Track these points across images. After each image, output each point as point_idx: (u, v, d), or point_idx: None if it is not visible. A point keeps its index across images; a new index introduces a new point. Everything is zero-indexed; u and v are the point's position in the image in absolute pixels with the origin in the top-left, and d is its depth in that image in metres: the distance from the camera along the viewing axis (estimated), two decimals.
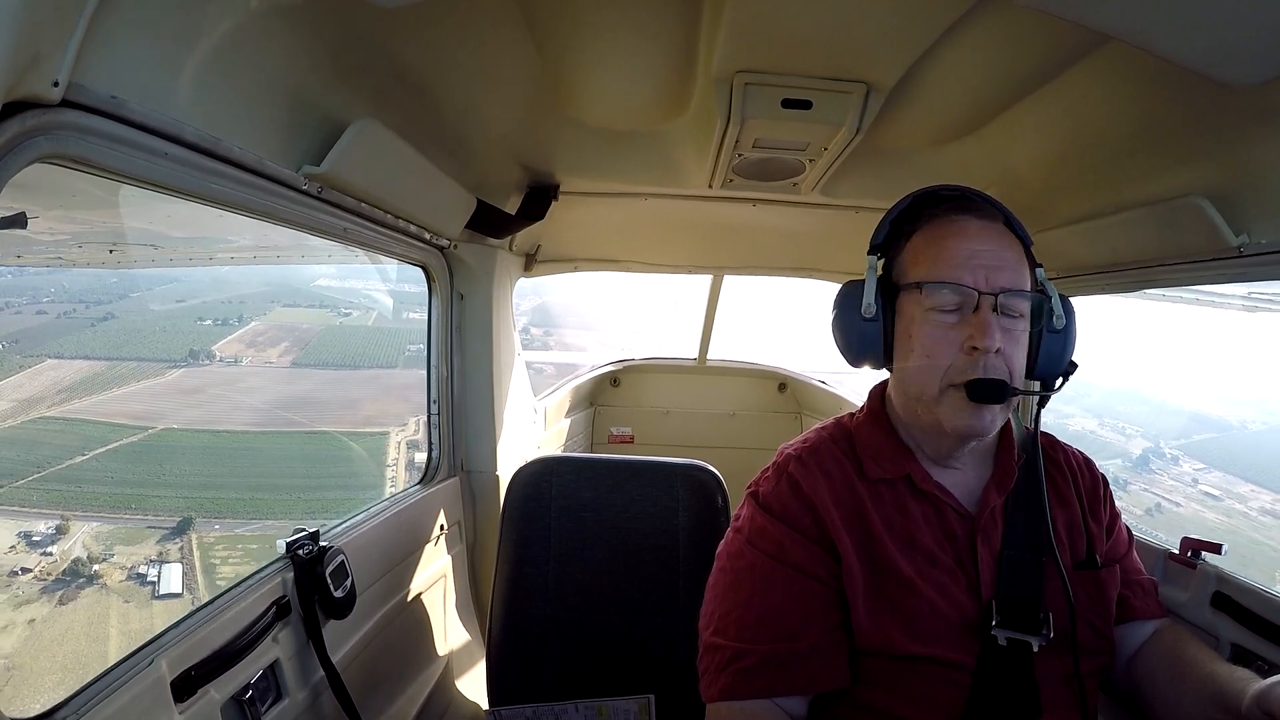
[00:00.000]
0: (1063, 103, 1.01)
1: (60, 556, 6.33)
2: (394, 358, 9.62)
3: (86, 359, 8.57)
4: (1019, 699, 0.74)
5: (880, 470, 0.81)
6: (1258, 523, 8.23)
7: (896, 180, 1.44)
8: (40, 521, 6.59)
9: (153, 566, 6.43)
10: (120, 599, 6.03)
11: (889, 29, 0.86)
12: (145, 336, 9.16)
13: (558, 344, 10.94)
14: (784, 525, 0.80)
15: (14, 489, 6.91)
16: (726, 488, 1.31)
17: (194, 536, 6.83)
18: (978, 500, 0.81)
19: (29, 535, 6.47)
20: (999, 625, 0.74)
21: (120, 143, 0.63)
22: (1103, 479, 0.90)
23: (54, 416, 7.82)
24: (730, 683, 0.76)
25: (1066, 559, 0.81)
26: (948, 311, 0.75)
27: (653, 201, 1.73)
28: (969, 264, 0.75)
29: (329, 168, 0.89)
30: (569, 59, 1.05)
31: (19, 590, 5.91)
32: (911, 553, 0.77)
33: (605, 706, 1.10)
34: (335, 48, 0.83)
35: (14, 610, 5.65)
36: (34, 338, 8.66)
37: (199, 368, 9.30)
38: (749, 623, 0.77)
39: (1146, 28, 0.68)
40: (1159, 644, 0.84)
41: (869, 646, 0.75)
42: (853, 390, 2.81)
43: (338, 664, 1.05)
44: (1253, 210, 0.95)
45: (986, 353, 0.72)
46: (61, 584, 6.08)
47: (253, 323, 9.90)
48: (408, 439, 7.90)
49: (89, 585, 6.11)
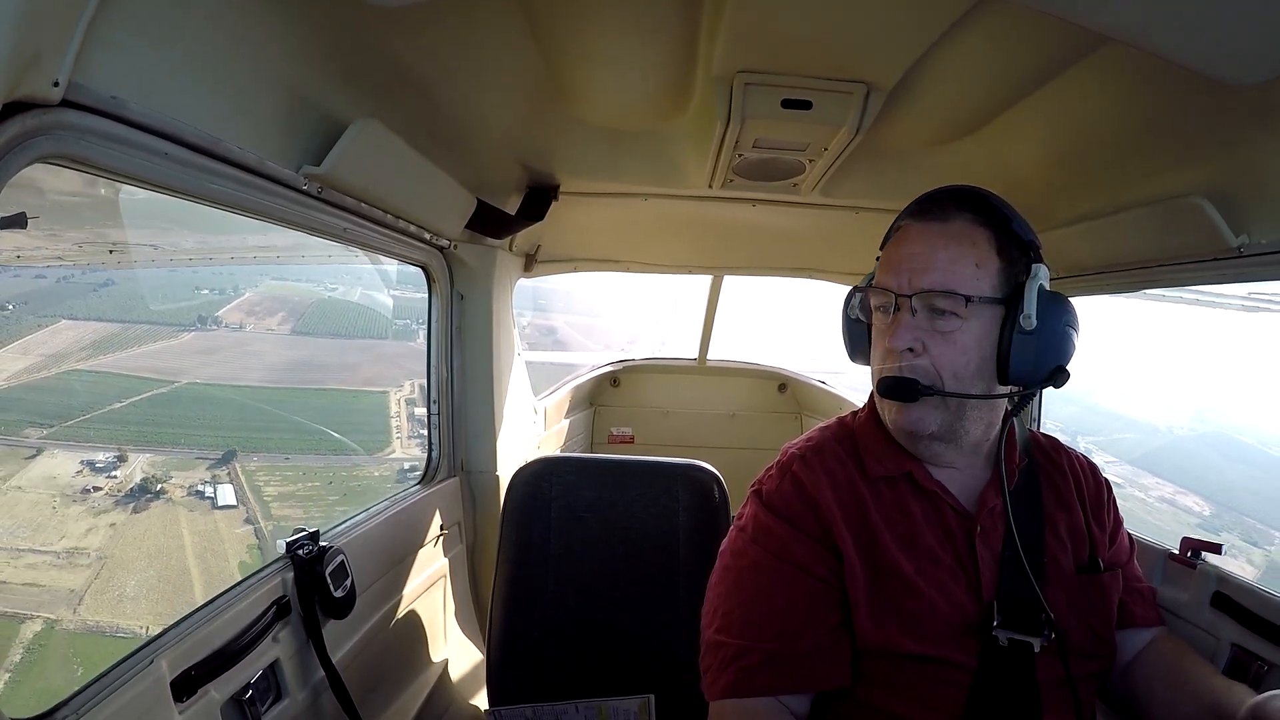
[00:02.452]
0: (1063, 103, 1.01)
1: (124, 479, 7.60)
2: (384, 329, 10.87)
3: (100, 320, 9.68)
4: (1020, 700, 0.74)
5: (882, 468, 0.81)
6: (1153, 508, 9.52)
7: (896, 180, 1.45)
8: (99, 453, 7.84)
9: (207, 486, 7.71)
10: (185, 509, 7.31)
11: (889, 29, 0.86)
12: (149, 303, 10.16)
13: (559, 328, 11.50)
14: (787, 524, 0.80)
15: (65, 428, 8.09)
16: (726, 488, 1.31)
17: (238, 465, 8.03)
18: (977, 500, 0.81)
19: (92, 463, 7.70)
20: (1000, 626, 0.74)
21: (120, 143, 0.63)
22: (1106, 485, 0.90)
23: (85, 370, 9.04)
24: (733, 680, 0.76)
25: (1068, 561, 0.81)
26: (883, 314, 0.79)
27: (653, 202, 1.73)
28: (898, 268, 0.78)
29: (329, 168, 0.89)
30: (569, 59, 1.05)
31: (95, 503, 7.22)
32: (913, 552, 0.77)
33: (605, 706, 1.10)
34: (335, 48, 0.83)
35: (94, 517, 7.05)
36: (40, 300, 9.61)
37: (208, 332, 10.50)
38: (752, 621, 0.77)
39: (1146, 28, 0.68)
40: (1156, 653, 0.84)
41: (870, 646, 0.75)
42: (853, 390, 2.81)
43: (338, 664, 1.05)
44: (1253, 210, 0.95)
45: (894, 352, 0.76)
46: (132, 498, 7.39)
47: (247, 293, 10.95)
48: (405, 397, 9.01)
49: (156, 499, 7.41)
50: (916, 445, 0.80)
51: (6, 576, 6.30)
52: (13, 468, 7.34)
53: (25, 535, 6.76)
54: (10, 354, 8.67)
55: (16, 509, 7.00)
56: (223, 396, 9.43)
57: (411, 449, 8.62)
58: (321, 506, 7.87)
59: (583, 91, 1.16)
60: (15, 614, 5.87)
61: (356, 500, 8.30)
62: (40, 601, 6.06)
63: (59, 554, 6.61)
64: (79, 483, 7.44)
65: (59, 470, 7.53)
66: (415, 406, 8.77)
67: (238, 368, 10.09)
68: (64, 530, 6.90)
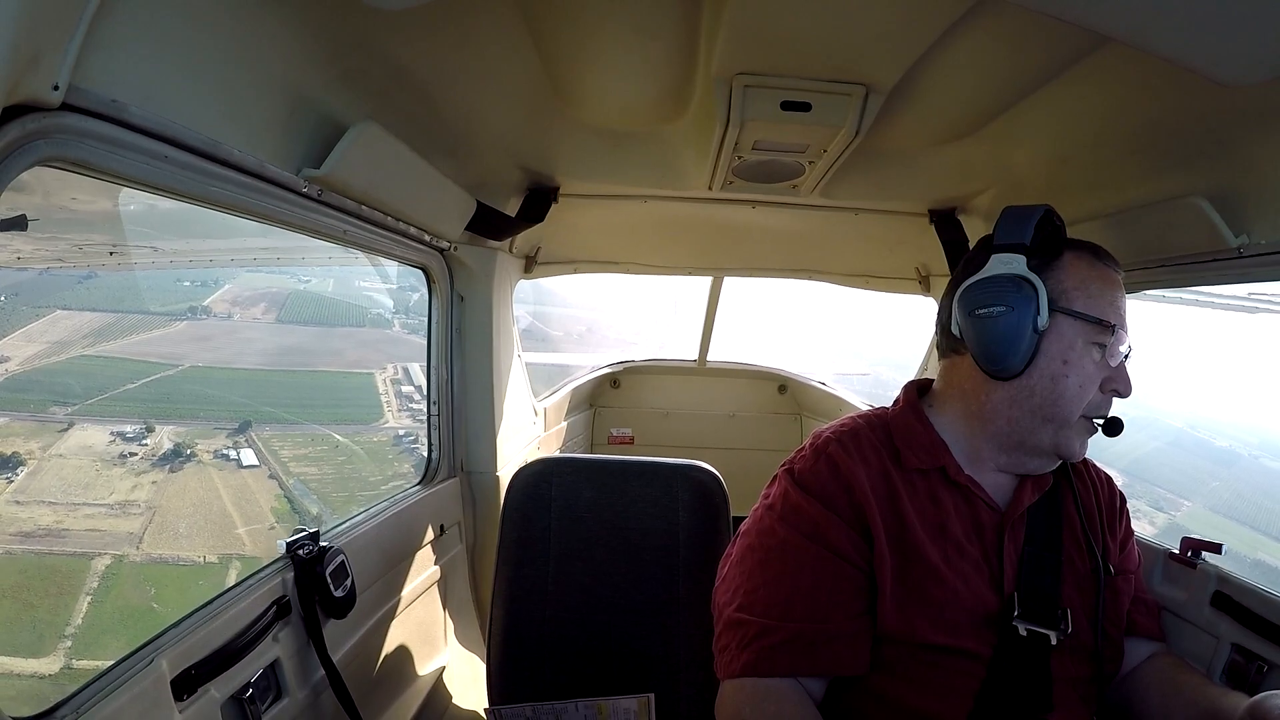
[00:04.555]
0: (1063, 103, 1.01)
1: (155, 446, 8.53)
2: (361, 318, 12.01)
3: (94, 311, 10.44)
4: (1032, 691, 0.74)
5: (917, 460, 0.82)
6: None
7: (897, 181, 1.44)
8: (127, 425, 8.74)
9: (230, 450, 8.69)
10: (215, 469, 8.35)
11: (888, 30, 0.86)
12: (137, 293, 11.04)
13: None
14: (820, 505, 0.80)
15: (87, 406, 8.92)
16: (726, 488, 1.31)
17: (254, 434, 8.99)
18: (1009, 497, 0.83)
19: (122, 434, 8.59)
20: (1019, 617, 0.75)
21: (120, 146, 0.63)
22: (1121, 496, 0.92)
23: (93, 355, 9.91)
24: (754, 659, 0.76)
25: (1083, 564, 0.82)
26: (1104, 350, 0.78)
27: (653, 203, 1.73)
28: (1120, 316, 0.79)
29: (329, 170, 0.89)
30: (569, 61, 1.05)
31: (133, 465, 8.20)
32: (941, 541, 0.78)
33: (605, 705, 1.10)
34: (335, 51, 0.83)
35: (136, 476, 8.07)
36: (31, 291, 10.40)
37: (199, 321, 11.40)
38: (777, 601, 0.77)
39: (1146, 28, 0.68)
40: (1154, 667, 0.85)
41: (892, 634, 0.75)
42: (853, 392, 2.81)
43: (338, 663, 1.05)
44: (1253, 210, 0.95)
45: (1116, 395, 0.80)
46: (166, 461, 8.35)
47: (226, 285, 11.83)
48: (389, 378, 10.14)
49: (188, 461, 8.43)
50: (1046, 466, 0.83)
51: (69, 525, 7.29)
52: (50, 440, 8.22)
53: (78, 492, 7.71)
54: (17, 340, 9.51)
55: (63, 472, 7.92)
56: (226, 378, 10.51)
57: (402, 419, 9.70)
58: (333, 464, 8.93)
59: (582, 93, 1.16)
60: (84, 553, 6.93)
61: (362, 460, 9.28)
62: (105, 543, 7.07)
63: (112, 506, 7.57)
64: (115, 450, 8.36)
65: (93, 440, 8.45)
66: (401, 385, 10.03)
67: (233, 353, 11.10)
68: (112, 487, 7.88)
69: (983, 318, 0.78)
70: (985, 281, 0.79)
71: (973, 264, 0.83)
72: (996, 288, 0.78)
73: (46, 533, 7.13)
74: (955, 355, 0.86)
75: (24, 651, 5.97)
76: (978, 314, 0.78)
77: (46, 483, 7.73)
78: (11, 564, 6.81)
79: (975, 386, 0.83)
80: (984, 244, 0.84)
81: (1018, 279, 0.77)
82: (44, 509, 7.38)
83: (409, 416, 9.51)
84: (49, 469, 7.88)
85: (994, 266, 0.79)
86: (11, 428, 8.34)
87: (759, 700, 0.75)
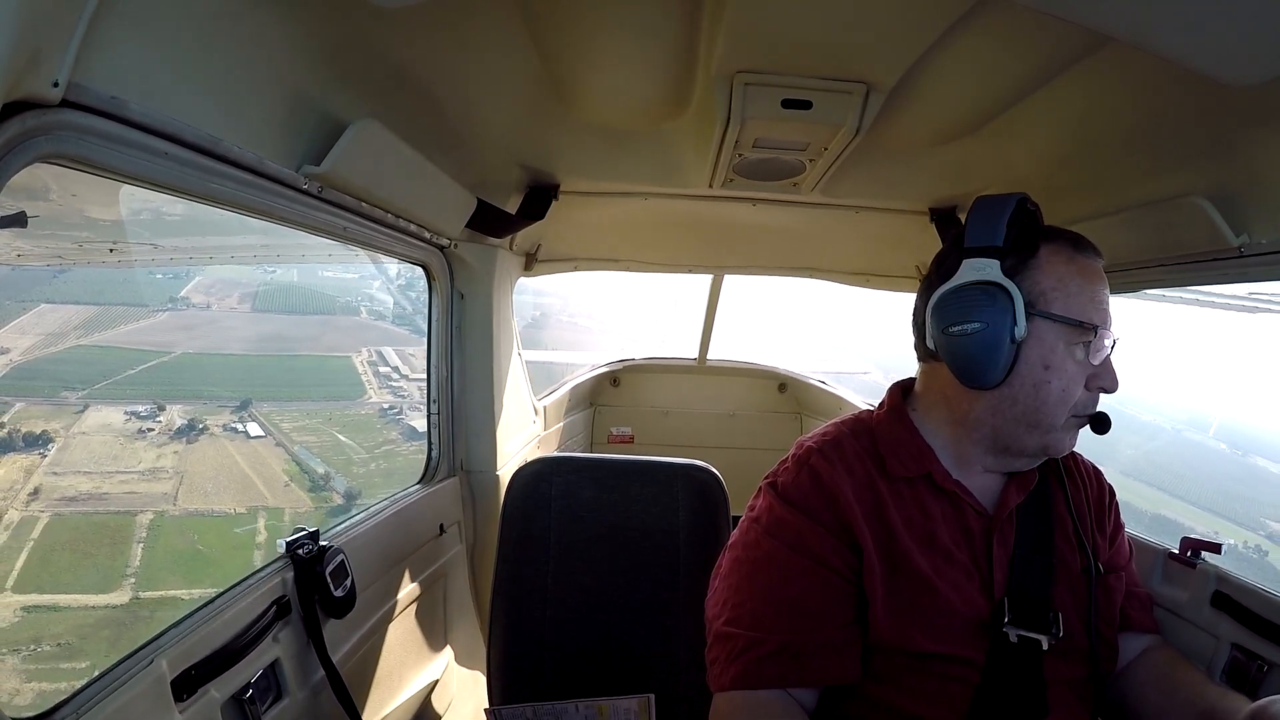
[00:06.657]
0: (1063, 103, 1.01)
1: (168, 423, 9.61)
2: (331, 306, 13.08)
3: (77, 304, 11.13)
4: (1026, 697, 0.74)
5: (903, 468, 0.81)
6: None
7: (897, 180, 1.45)
8: (139, 405, 9.76)
9: (238, 424, 9.76)
10: (228, 440, 9.45)
11: (889, 29, 0.86)
12: (115, 286, 11.65)
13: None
14: (804, 516, 0.79)
15: (95, 390, 9.83)
16: (726, 488, 1.31)
17: (255, 410, 10.04)
18: (996, 500, 0.82)
19: (136, 413, 9.60)
20: (1010, 623, 0.74)
21: (120, 143, 0.63)
22: (1110, 490, 0.91)
23: (89, 344, 10.67)
24: (742, 671, 0.75)
25: (1074, 563, 0.81)
26: (1087, 349, 0.75)
27: (653, 201, 1.73)
28: (1102, 309, 0.77)
29: (329, 167, 0.89)
30: (569, 59, 1.05)
31: (153, 439, 9.24)
32: (930, 550, 0.78)
33: (605, 706, 1.10)
34: (335, 48, 0.83)
35: (158, 448, 9.12)
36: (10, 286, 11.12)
37: (180, 311, 12.27)
38: (765, 613, 0.77)
39: (1146, 28, 0.68)
40: (1151, 661, 0.85)
41: (885, 643, 0.75)
42: (853, 391, 2.81)
43: (338, 663, 1.05)
44: (1253, 210, 0.95)
45: (1101, 391, 0.78)
46: (181, 434, 9.42)
47: (197, 277, 12.59)
48: (366, 360, 11.42)
49: (202, 434, 9.58)
50: (1033, 463, 0.82)
51: (108, 490, 8.34)
52: (69, 420, 9.07)
53: (108, 463, 8.71)
54: (10, 333, 10.30)
55: (90, 447, 8.87)
56: (214, 364, 11.49)
57: (385, 396, 10.83)
58: (330, 434, 10.05)
59: (582, 91, 1.16)
60: (128, 510, 8.05)
61: (356, 430, 10.26)
62: (144, 501, 8.15)
63: (143, 472, 8.67)
64: (132, 426, 9.37)
65: (110, 419, 9.40)
66: (378, 367, 11.27)
67: (218, 340, 12.04)
68: (139, 457, 8.90)
69: (957, 335, 0.75)
70: (957, 292, 0.75)
71: (945, 266, 0.80)
72: (969, 301, 0.74)
73: (89, 496, 8.18)
74: (934, 361, 0.83)
75: (93, 589, 6.94)
76: (951, 332, 0.75)
77: (76, 456, 8.69)
78: (62, 524, 7.74)
79: (956, 394, 0.80)
80: (957, 241, 0.79)
81: (991, 287, 0.74)
82: (80, 478, 8.40)
83: (390, 393, 10.76)
84: (76, 445, 8.83)
85: (966, 273, 0.75)
86: (30, 411, 9.18)
87: (749, 713, 0.75)
